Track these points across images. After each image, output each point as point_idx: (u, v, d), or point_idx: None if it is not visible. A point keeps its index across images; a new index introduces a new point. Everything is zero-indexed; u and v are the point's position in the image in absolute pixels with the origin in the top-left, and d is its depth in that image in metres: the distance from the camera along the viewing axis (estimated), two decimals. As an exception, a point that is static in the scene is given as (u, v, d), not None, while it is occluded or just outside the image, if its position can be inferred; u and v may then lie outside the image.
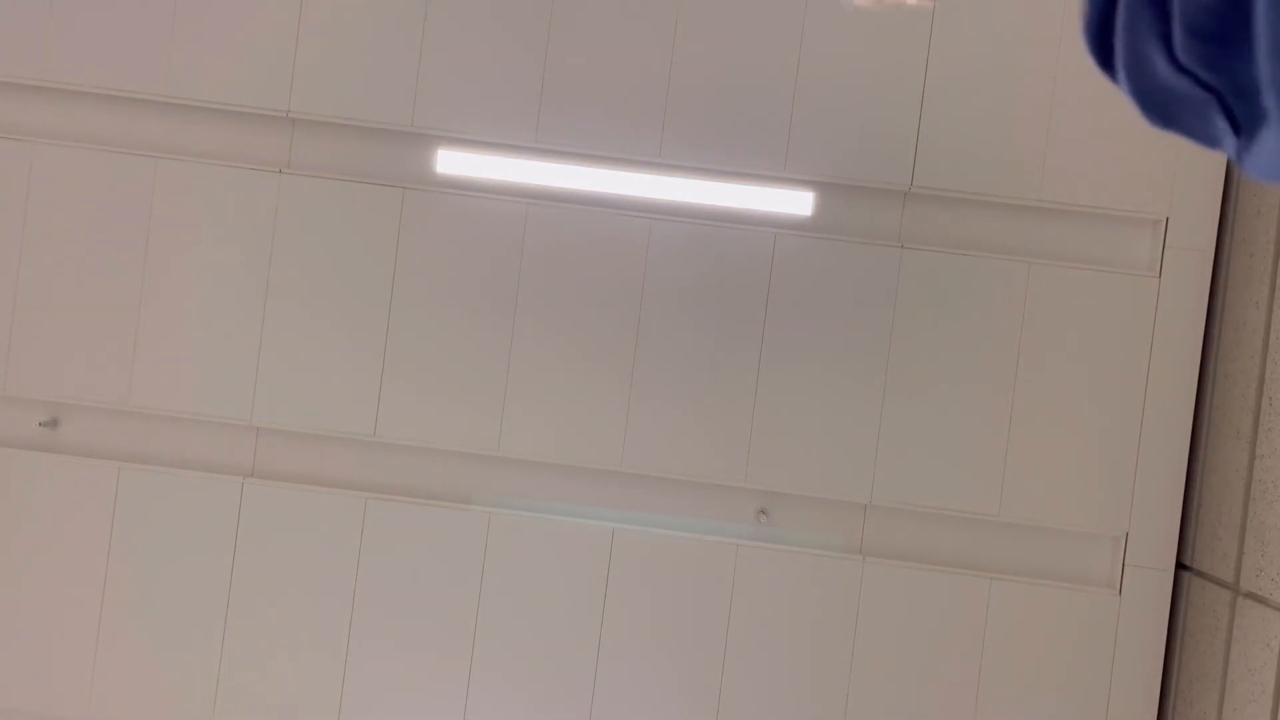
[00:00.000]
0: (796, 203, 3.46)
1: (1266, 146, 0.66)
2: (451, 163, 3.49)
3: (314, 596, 3.52)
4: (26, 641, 3.55)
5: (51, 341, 3.56)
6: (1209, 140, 0.72)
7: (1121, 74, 0.72)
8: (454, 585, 3.51)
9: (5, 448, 3.56)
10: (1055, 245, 3.51)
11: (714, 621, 3.48)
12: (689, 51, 3.48)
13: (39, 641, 3.55)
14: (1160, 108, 0.72)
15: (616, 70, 3.49)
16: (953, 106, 3.46)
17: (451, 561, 3.51)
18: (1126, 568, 3.43)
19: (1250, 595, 3.08)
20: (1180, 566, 3.47)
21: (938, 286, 3.47)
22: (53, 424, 3.61)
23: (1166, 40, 0.67)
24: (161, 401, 3.55)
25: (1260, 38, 0.62)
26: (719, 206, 3.48)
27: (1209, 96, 0.68)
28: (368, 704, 3.52)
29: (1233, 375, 3.33)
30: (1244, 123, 0.68)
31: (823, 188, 3.50)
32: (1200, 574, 3.38)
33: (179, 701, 3.53)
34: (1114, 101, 0.78)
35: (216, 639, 3.52)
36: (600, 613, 3.49)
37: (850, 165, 3.47)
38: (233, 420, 3.55)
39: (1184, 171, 3.42)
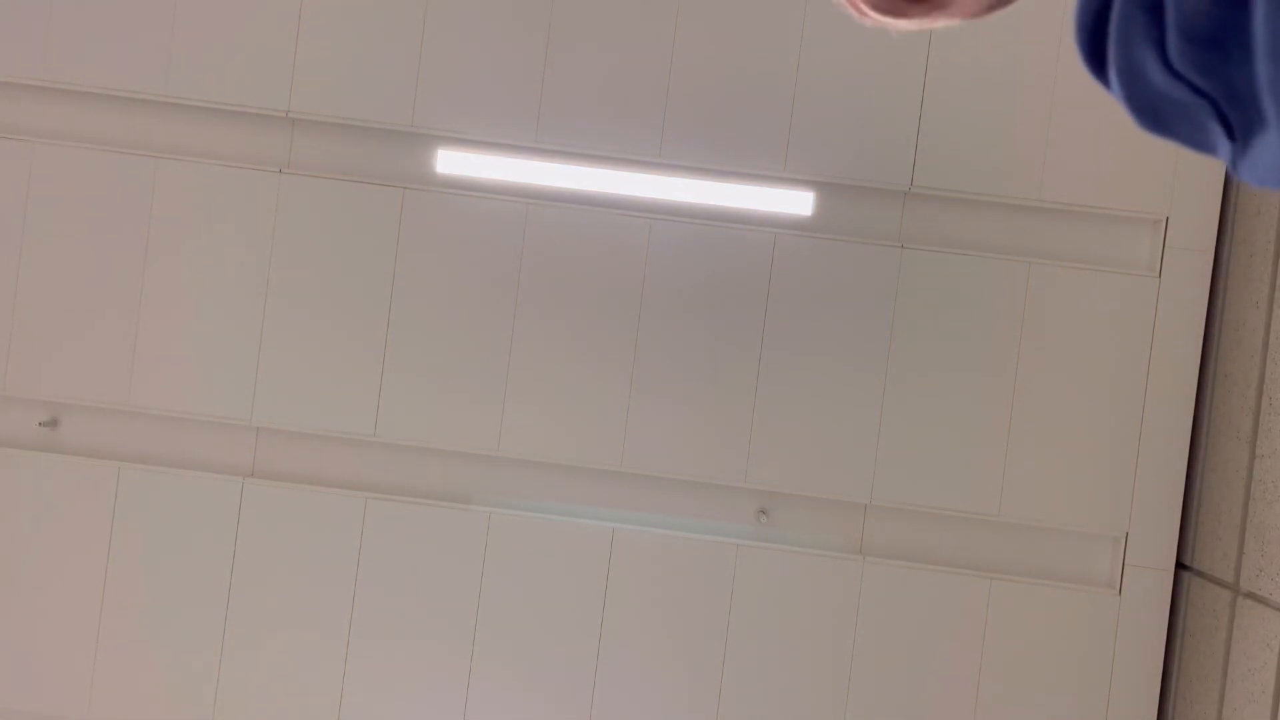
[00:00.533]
0: (796, 203, 3.46)
1: (1264, 151, 0.65)
2: (451, 163, 3.48)
3: (314, 597, 3.52)
4: (26, 641, 3.55)
5: (51, 341, 3.56)
6: (1202, 145, 0.72)
7: (1114, 79, 0.72)
8: (454, 585, 3.51)
9: (5, 448, 3.56)
10: (1055, 245, 3.51)
11: (714, 621, 3.48)
12: (689, 51, 3.48)
13: (39, 641, 3.55)
14: (1153, 112, 0.72)
15: (616, 70, 3.49)
16: (953, 106, 3.46)
17: (451, 561, 3.51)
18: (1126, 568, 3.43)
19: (1250, 595, 3.08)
20: (1180, 566, 3.47)
21: (938, 286, 3.47)
22: (53, 424, 3.61)
23: (1161, 45, 0.67)
24: (161, 401, 3.55)
25: (1259, 41, 0.61)
26: (719, 206, 3.48)
27: (1203, 102, 0.68)
28: (368, 704, 3.52)
29: (1233, 375, 3.33)
30: (1239, 128, 0.67)
31: (823, 188, 3.50)
32: (1200, 574, 3.38)
33: (179, 701, 3.53)
34: (1114, 102, 0.78)
35: (216, 639, 3.52)
36: (600, 613, 3.49)
37: (850, 165, 3.47)
38: (233, 420, 3.55)
39: (1184, 171, 3.42)
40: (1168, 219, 3.44)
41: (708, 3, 3.48)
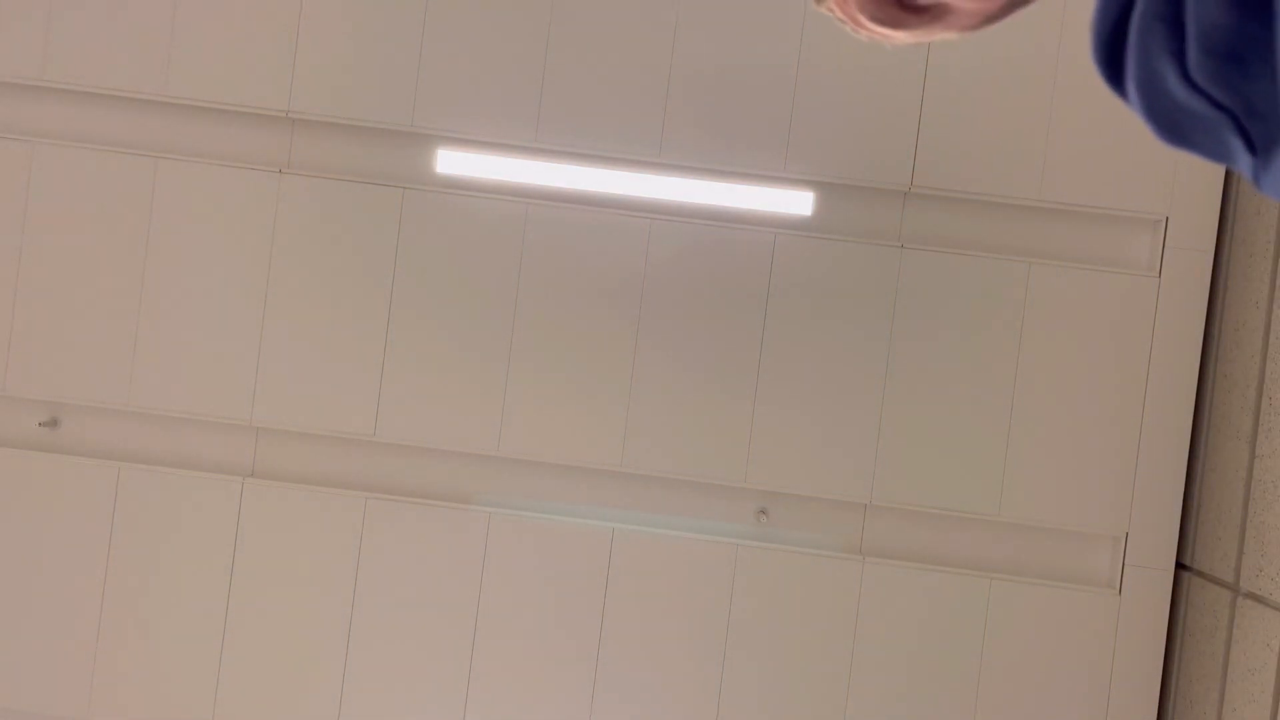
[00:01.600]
0: (796, 203, 3.46)
1: (1275, 171, 0.65)
2: (451, 163, 3.48)
3: (314, 596, 3.52)
4: (26, 641, 3.55)
5: (51, 341, 3.56)
6: (1222, 158, 0.71)
7: (1133, 91, 0.71)
8: (454, 585, 3.51)
9: (5, 448, 3.56)
10: (1055, 245, 3.51)
11: (714, 621, 3.48)
12: (689, 51, 3.48)
13: (39, 641, 3.55)
14: (1173, 125, 0.71)
15: (616, 70, 3.49)
16: (953, 106, 3.46)
17: (451, 561, 3.51)
18: (1126, 568, 3.43)
19: (1250, 595, 3.08)
20: (1180, 566, 3.47)
21: (938, 286, 3.47)
22: (53, 424, 3.61)
23: (1180, 58, 0.66)
24: (161, 401, 3.55)
25: None
26: (719, 206, 3.48)
27: (1223, 116, 0.67)
28: (367, 703, 3.52)
29: (1233, 375, 3.33)
30: (1259, 142, 0.66)
31: (823, 188, 3.50)
32: (1200, 574, 3.38)
33: (179, 701, 3.53)
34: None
35: (216, 639, 3.52)
36: (600, 613, 3.49)
37: (850, 165, 3.47)
38: (233, 420, 3.55)
39: (1184, 171, 3.41)
40: (1168, 219, 3.43)
41: (708, 3, 3.48)
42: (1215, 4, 0.64)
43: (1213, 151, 0.72)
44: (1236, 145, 0.69)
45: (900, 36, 0.83)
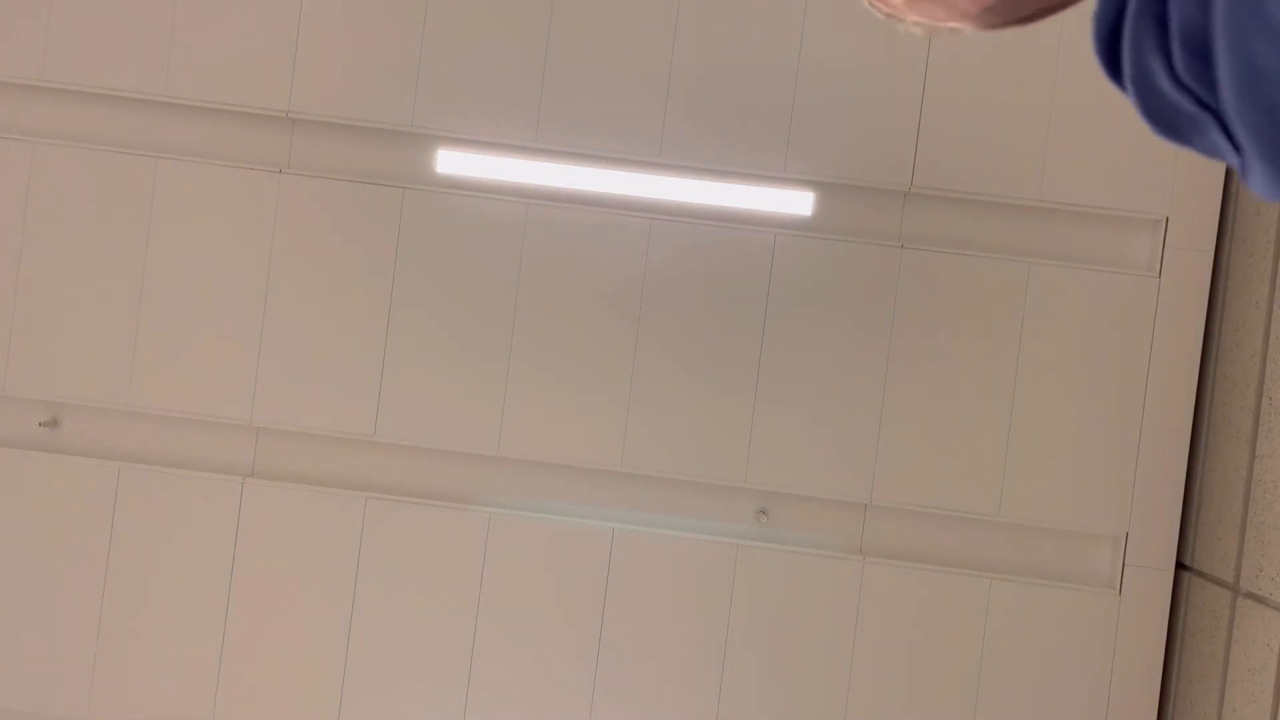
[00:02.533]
0: (796, 203, 3.46)
1: (1254, 171, 0.66)
2: (451, 163, 3.48)
3: (314, 596, 3.52)
4: (26, 641, 3.55)
5: (51, 341, 3.56)
6: (1215, 155, 0.72)
7: (1129, 88, 0.72)
8: (454, 585, 3.51)
9: (5, 448, 3.56)
10: (1055, 245, 3.51)
11: (714, 621, 3.48)
12: (689, 51, 3.48)
13: (39, 641, 3.55)
14: (1166, 121, 0.71)
15: (616, 70, 3.49)
16: (953, 106, 3.46)
17: (451, 561, 3.51)
18: (1126, 568, 3.43)
19: (1250, 595, 3.08)
20: (1180, 566, 3.47)
21: (938, 286, 3.47)
22: (53, 424, 3.61)
23: (1168, 55, 0.67)
24: (161, 401, 3.55)
25: (1222, 79, 0.61)
26: (719, 206, 3.48)
27: (1206, 114, 0.67)
28: (367, 703, 3.52)
29: (1232, 376, 3.33)
30: (1241, 141, 0.67)
31: (823, 188, 3.50)
32: (1200, 574, 3.38)
33: (179, 702, 3.53)
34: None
35: (216, 638, 3.52)
36: (600, 613, 3.49)
37: (850, 165, 3.47)
38: (233, 420, 3.55)
39: (1184, 171, 3.41)
40: (1168, 219, 3.44)
41: (708, 3, 3.48)
42: (1192, 2, 0.64)
43: (1205, 148, 0.73)
44: (1222, 143, 0.69)
45: (911, 15, 0.83)
